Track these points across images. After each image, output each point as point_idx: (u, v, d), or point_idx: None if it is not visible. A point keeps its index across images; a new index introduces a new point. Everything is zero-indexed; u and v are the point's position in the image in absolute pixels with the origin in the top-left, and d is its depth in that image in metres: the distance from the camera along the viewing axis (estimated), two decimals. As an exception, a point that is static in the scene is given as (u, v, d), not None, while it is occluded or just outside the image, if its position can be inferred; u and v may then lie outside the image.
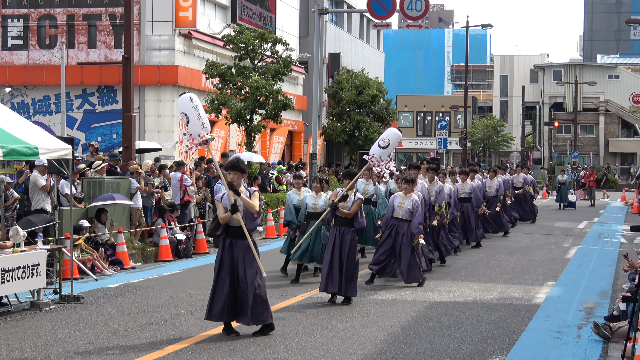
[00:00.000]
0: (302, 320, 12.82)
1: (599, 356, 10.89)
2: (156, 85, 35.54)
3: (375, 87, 48.78)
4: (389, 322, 12.84)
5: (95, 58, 36.39)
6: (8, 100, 36.20)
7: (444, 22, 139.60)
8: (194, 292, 15.39)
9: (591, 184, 47.41)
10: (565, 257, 21.82)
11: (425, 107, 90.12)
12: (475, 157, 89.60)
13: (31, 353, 10.55)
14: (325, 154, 54.07)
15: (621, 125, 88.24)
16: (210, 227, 11.98)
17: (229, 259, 11.49)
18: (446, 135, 62.04)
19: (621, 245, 24.94)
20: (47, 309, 13.57)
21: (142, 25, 35.27)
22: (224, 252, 11.54)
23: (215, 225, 11.58)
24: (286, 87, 40.47)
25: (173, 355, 10.51)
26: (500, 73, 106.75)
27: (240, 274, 11.42)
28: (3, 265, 12.54)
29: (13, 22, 36.90)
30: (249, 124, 31.48)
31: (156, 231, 21.01)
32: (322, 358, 10.46)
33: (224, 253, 11.54)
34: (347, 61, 56.02)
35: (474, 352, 10.95)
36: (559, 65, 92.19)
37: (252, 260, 11.45)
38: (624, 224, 32.74)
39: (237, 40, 32.11)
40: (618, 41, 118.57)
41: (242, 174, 11.65)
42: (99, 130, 36.11)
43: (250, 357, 10.45)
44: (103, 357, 10.37)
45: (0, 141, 12.79)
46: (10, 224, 17.41)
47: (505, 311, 13.90)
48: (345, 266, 14.19)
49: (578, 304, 14.85)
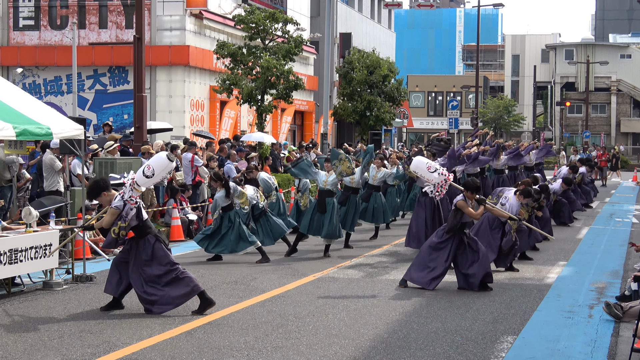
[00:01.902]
0: (314, 300, 12.84)
1: (611, 336, 10.88)
2: (167, 66, 35.51)
3: (386, 67, 48.67)
4: (401, 302, 12.85)
5: (107, 38, 36.36)
6: (20, 80, 36.26)
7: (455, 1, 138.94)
8: (206, 272, 15.43)
9: (603, 163, 47.31)
10: (576, 237, 21.79)
11: (437, 87, 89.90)
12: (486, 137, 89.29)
13: (44, 332, 10.60)
14: (337, 134, 54.01)
15: (633, 105, 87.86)
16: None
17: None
18: (457, 115, 61.83)
19: (633, 225, 24.89)
20: (59, 289, 13.63)
21: (153, 6, 35.21)
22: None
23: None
24: (297, 67, 40.39)
25: (185, 335, 10.55)
26: (512, 53, 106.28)
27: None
28: (16, 246, 12.59)
29: (24, 2, 36.86)
30: (260, 104, 31.46)
31: (168, 211, 21.05)
32: (334, 337, 10.49)
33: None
34: (358, 41, 55.84)
35: (485, 331, 10.96)
36: (570, 44, 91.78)
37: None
38: (636, 204, 32.66)
39: (247, 20, 32.05)
40: (630, 20, 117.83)
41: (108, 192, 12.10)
42: (111, 110, 36.13)
43: (263, 336, 10.48)
44: (116, 336, 10.42)
45: (13, 122, 12.81)
46: (22, 204, 17.47)
47: (516, 291, 13.89)
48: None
49: (589, 283, 14.84)
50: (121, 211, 11.68)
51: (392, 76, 49.28)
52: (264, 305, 12.43)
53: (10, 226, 13.80)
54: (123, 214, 11.67)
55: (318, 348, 10.01)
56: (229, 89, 31.49)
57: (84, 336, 10.43)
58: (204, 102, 37.08)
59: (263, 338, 10.42)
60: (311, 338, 10.46)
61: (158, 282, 11.74)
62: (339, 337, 10.51)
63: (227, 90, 31.48)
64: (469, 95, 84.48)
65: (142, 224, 11.81)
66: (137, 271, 11.81)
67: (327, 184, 17.51)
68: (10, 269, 12.58)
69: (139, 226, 11.81)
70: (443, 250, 13.94)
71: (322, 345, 10.12)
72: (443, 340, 10.44)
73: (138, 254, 11.85)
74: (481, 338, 10.61)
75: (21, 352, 9.68)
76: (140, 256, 11.82)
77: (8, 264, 12.44)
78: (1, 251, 12.28)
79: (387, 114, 48.66)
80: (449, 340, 10.48)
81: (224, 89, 31.41)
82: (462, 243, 13.94)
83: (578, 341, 10.63)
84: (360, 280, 14.78)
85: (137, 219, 11.74)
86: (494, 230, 15.92)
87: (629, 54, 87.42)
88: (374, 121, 48.25)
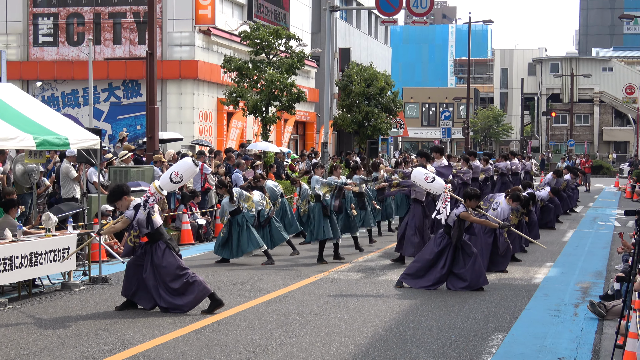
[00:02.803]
0: (316, 300, 12.84)
1: (595, 333, 10.88)
2: (177, 79, 35.53)
3: (383, 80, 48.52)
4: (397, 301, 12.85)
5: (121, 54, 36.40)
6: (39, 94, 36.28)
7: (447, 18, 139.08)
8: (214, 274, 15.43)
9: (586, 170, 47.30)
10: (562, 240, 21.77)
11: (430, 99, 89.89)
12: (477, 146, 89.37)
13: (63, 331, 10.60)
14: (336, 144, 54.00)
15: (615, 115, 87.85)
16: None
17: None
18: (450, 125, 61.90)
19: (615, 228, 24.87)
20: (77, 290, 13.63)
21: (164, 23, 35.25)
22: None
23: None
24: (299, 80, 40.43)
25: (195, 333, 10.54)
26: (501, 66, 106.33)
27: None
28: (36, 249, 12.60)
29: (43, 20, 36.93)
30: (265, 115, 31.46)
31: (179, 216, 21.05)
32: (335, 335, 10.49)
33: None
34: (357, 55, 55.85)
35: (477, 329, 10.96)
36: (556, 58, 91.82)
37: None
38: (618, 209, 32.64)
39: (253, 36, 32.05)
40: (612, 35, 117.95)
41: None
42: (124, 121, 36.16)
43: (268, 334, 10.48)
44: (130, 334, 10.42)
45: (33, 132, 12.83)
46: (42, 210, 17.47)
47: (506, 291, 13.88)
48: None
49: (575, 284, 14.83)
50: (132, 221, 11.72)
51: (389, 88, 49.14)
52: (269, 304, 12.43)
53: (31, 231, 13.80)
54: (134, 224, 11.71)
55: (320, 345, 10.00)
56: (235, 101, 31.48)
57: (100, 334, 10.43)
58: (212, 113, 37.09)
59: (268, 336, 10.41)
60: (313, 336, 10.46)
61: (169, 288, 11.74)
62: (339, 335, 10.51)
63: (234, 102, 31.48)
64: (461, 106, 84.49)
65: (153, 231, 11.82)
66: (150, 275, 11.82)
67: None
68: (31, 271, 12.58)
69: (150, 233, 11.82)
70: (441, 259, 13.91)
71: (324, 343, 10.12)
72: (437, 338, 10.44)
73: (151, 259, 11.86)
74: (473, 335, 10.61)
75: (41, 350, 9.68)
76: (153, 261, 11.83)
77: (29, 267, 12.45)
78: (22, 254, 12.29)
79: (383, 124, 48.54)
80: (443, 337, 10.47)
81: (230, 101, 31.41)
82: (457, 249, 13.92)
83: (564, 338, 10.62)
84: (359, 281, 14.77)
85: (148, 226, 11.75)
86: (486, 235, 15.90)
87: (611, 67, 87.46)
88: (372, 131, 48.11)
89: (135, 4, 35.95)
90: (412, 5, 30.48)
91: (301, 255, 18.06)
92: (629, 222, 26.25)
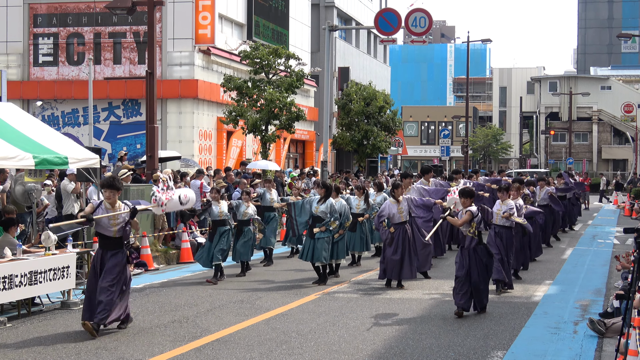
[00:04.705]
0: (315, 318, 12.81)
1: (594, 351, 10.85)
2: (177, 98, 35.59)
3: (382, 98, 48.77)
4: (397, 319, 12.82)
5: (121, 73, 36.47)
6: (39, 113, 36.33)
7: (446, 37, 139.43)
8: (214, 292, 15.40)
9: (585, 188, 47.27)
10: (561, 258, 21.75)
11: (429, 117, 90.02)
12: (476, 164, 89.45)
13: (62, 349, 10.57)
14: (336, 162, 54.06)
15: (613, 133, 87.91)
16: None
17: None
18: (449, 143, 61.97)
19: (614, 246, 24.83)
20: (77, 308, 13.59)
21: (164, 42, 35.35)
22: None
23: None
24: (299, 99, 40.50)
25: (195, 351, 10.51)
26: (499, 85, 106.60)
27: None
28: (36, 268, 12.58)
29: (44, 40, 37.02)
30: (264, 134, 31.52)
31: (178, 235, 21.04)
32: (334, 353, 10.45)
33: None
34: (356, 74, 56.01)
35: (476, 347, 10.93)
36: (554, 77, 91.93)
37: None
38: (617, 226, 32.61)
39: (252, 55, 32.17)
40: (610, 54, 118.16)
41: (117, 191, 11.74)
42: (124, 140, 36.19)
43: (267, 352, 10.45)
44: (129, 353, 10.39)
45: (33, 151, 12.85)
46: (41, 228, 17.45)
47: (505, 308, 13.86)
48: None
49: (574, 301, 14.80)
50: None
51: (388, 107, 49.38)
52: (268, 323, 12.40)
53: (30, 249, 13.79)
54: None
55: (319, 363, 9.97)
56: (235, 120, 31.55)
57: (100, 352, 10.40)
58: (211, 132, 37.13)
59: (267, 354, 10.38)
60: (313, 354, 10.43)
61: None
62: (339, 353, 10.48)
63: (234, 121, 31.55)
64: (460, 125, 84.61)
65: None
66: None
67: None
68: (30, 290, 12.56)
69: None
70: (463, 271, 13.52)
71: (323, 361, 10.09)
72: (437, 356, 10.41)
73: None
74: (473, 353, 10.58)
75: (40, 368, 9.65)
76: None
77: (28, 285, 12.43)
78: (22, 273, 12.27)
79: (383, 142, 48.73)
80: (443, 355, 10.44)
81: (230, 120, 31.48)
82: (474, 256, 13.47)
83: (564, 356, 10.59)
84: (358, 299, 14.74)
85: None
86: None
87: (609, 86, 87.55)
88: (371, 149, 48.30)
89: (135, 23, 36.06)
90: (411, 24, 30.57)
91: (302, 274, 18.01)
92: (627, 240, 26.21)
